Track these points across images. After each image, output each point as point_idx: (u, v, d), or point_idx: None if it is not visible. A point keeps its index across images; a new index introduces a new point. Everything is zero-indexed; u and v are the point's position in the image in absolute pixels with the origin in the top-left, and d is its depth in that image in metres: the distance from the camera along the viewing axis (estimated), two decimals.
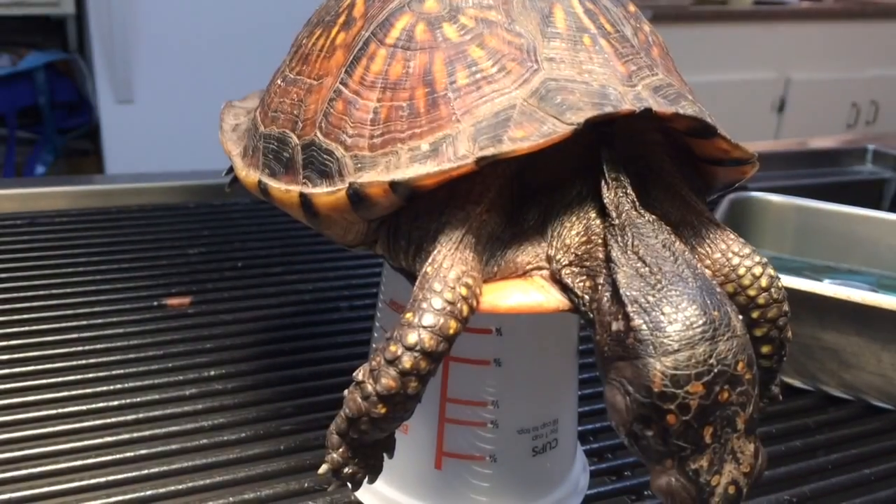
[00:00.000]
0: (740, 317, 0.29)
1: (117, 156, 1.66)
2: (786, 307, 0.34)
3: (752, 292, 0.33)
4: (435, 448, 0.39)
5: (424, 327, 0.29)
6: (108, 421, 0.47)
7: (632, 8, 0.37)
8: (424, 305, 0.30)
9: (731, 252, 0.33)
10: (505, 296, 0.32)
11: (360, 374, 0.30)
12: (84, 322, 0.56)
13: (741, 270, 0.33)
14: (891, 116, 2.44)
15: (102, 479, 0.42)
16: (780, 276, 0.35)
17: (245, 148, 0.40)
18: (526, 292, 0.32)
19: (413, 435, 0.39)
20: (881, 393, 0.52)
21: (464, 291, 0.30)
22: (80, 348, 0.53)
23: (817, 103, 2.37)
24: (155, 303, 0.60)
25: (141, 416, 0.47)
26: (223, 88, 0.78)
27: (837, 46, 2.39)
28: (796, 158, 1.01)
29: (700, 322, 0.27)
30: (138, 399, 0.49)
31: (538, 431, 0.39)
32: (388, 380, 0.29)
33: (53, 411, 0.47)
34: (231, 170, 0.42)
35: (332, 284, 0.64)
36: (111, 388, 0.50)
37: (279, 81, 0.39)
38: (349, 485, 0.33)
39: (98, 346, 0.54)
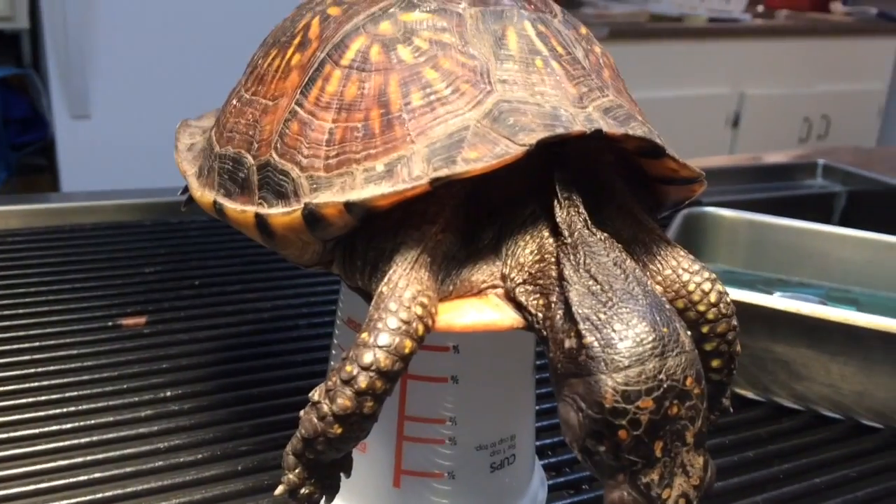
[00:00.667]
0: (689, 333, 0.29)
1: (72, 172, 1.63)
2: (734, 322, 0.34)
3: (701, 308, 0.34)
4: (393, 466, 0.39)
5: (380, 347, 0.29)
6: (62, 444, 0.46)
7: (583, 30, 0.37)
8: (380, 325, 0.30)
9: (681, 269, 0.34)
10: (460, 314, 0.32)
11: (315, 395, 0.30)
12: (37, 343, 0.55)
13: (691, 287, 0.34)
14: (841, 131, 2.51)
15: None
16: (732, 289, 0.35)
17: (200, 168, 0.40)
18: (481, 311, 0.32)
19: (371, 453, 0.39)
20: (831, 403, 0.54)
21: (419, 311, 0.30)
22: (32, 370, 0.52)
23: (771, 118, 2.42)
24: (110, 323, 0.59)
25: (95, 438, 0.47)
26: (180, 105, 0.77)
27: (790, 62, 2.45)
28: (749, 173, 1.03)
29: (650, 339, 0.28)
30: (92, 421, 0.48)
31: (496, 447, 0.40)
32: (344, 400, 0.29)
33: (4, 435, 0.46)
34: (186, 189, 0.42)
35: (290, 303, 0.64)
36: (64, 410, 0.49)
37: (235, 102, 0.39)
38: None
39: (51, 368, 0.53)
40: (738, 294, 0.50)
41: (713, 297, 0.34)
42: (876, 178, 0.98)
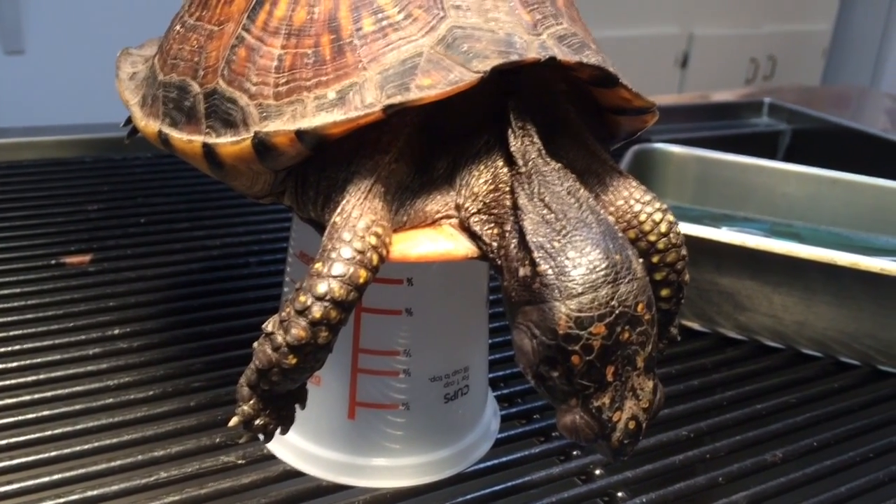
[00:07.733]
0: (641, 260, 0.30)
1: (9, 108, 1.57)
2: (684, 252, 0.35)
3: (652, 238, 0.34)
4: (348, 398, 0.39)
5: (334, 277, 0.29)
6: (8, 383, 0.45)
7: None
8: (334, 255, 0.30)
9: (633, 199, 0.34)
10: (414, 244, 0.32)
11: (269, 326, 0.30)
12: None
13: (642, 217, 0.34)
14: (787, 71, 2.54)
15: (3, 442, 0.41)
16: (680, 223, 0.36)
17: (144, 97, 0.39)
18: (435, 241, 0.32)
19: (326, 386, 0.39)
20: (772, 333, 0.55)
21: (373, 240, 0.30)
22: None
23: (719, 58, 2.43)
24: (53, 261, 0.57)
25: (42, 377, 0.46)
26: (119, 35, 0.74)
27: (738, 3, 2.45)
28: (698, 111, 1.04)
29: (602, 266, 0.28)
30: (39, 360, 0.47)
31: (450, 379, 0.40)
32: (298, 330, 0.29)
33: None
34: (129, 120, 0.40)
35: (240, 240, 0.63)
36: (9, 349, 0.48)
37: (178, 27, 0.38)
38: (261, 437, 0.32)
39: None
40: (685, 228, 0.51)
41: (664, 227, 0.34)
42: (819, 117, 1.00)
